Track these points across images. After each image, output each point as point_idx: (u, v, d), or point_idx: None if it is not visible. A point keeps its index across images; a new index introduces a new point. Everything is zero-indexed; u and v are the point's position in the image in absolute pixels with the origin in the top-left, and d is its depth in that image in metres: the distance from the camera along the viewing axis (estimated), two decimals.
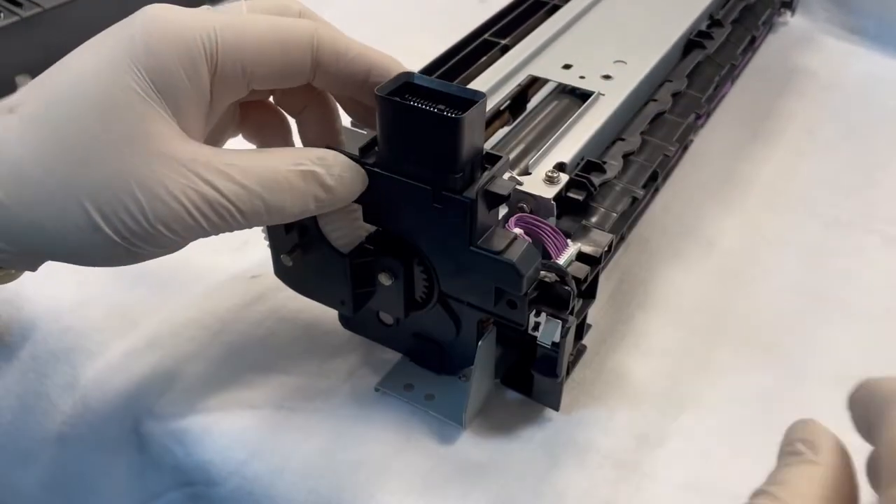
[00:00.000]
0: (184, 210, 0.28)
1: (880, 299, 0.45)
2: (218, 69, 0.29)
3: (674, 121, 0.47)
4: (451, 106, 0.29)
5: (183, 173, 0.28)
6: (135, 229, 0.28)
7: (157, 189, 0.27)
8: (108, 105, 0.28)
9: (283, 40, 0.30)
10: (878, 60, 0.67)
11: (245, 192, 0.29)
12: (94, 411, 0.39)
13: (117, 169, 0.27)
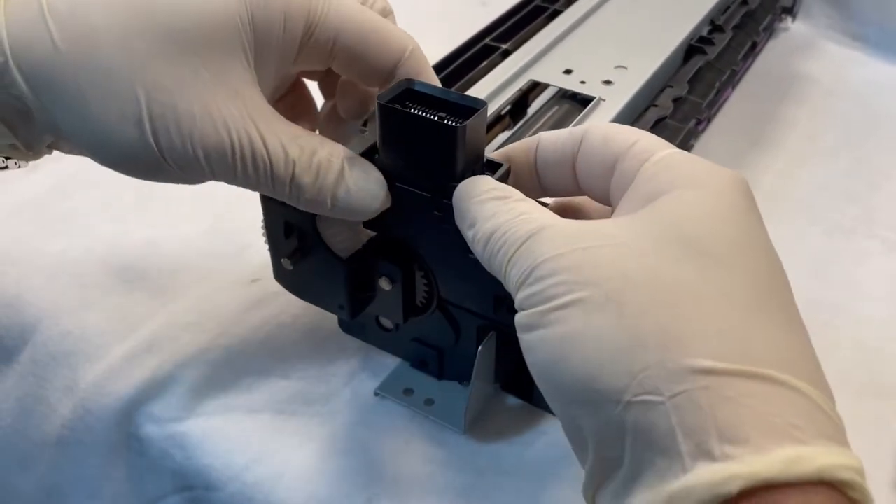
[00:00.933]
0: (229, 144, 0.28)
1: (881, 305, 0.45)
2: (313, 36, 0.30)
3: (675, 126, 0.47)
4: (451, 113, 0.29)
5: (241, 111, 0.28)
6: (175, 143, 0.27)
7: (213, 113, 0.27)
8: (200, 20, 0.27)
9: (381, 40, 0.31)
10: (879, 67, 0.67)
11: (284, 155, 0.29)
12: (93, 415, 0.39)
13: (187, 82, 0.27)
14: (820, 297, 0.45)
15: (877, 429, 0.39)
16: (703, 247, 0.23)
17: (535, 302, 0.24)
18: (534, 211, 0.27)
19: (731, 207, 0.25)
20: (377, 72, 0.32)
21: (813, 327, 0.43)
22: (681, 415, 0.20)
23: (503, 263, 0.26)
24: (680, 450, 0.20)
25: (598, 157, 0.28)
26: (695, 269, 0.23)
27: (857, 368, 0.41)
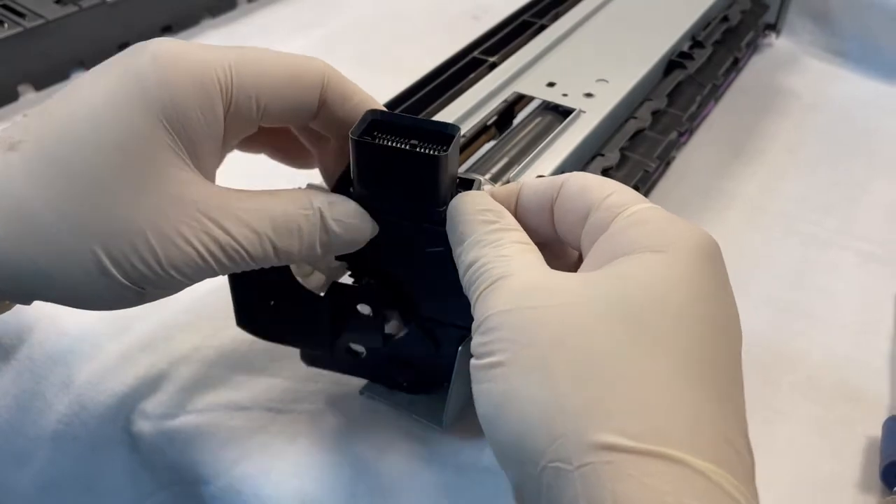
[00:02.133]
0: (196, 254, 0.28)
1: (852, 313, 0.47)
2: (233, 105, 0.29)
3: (654, 138, 0.48)
4: (423, 140, 0.29)
5: (197, 218, 0.28)
6: (146, 273, 0.27)
7: (171, 234, 0.27)
8: (121, 145, 0.27)
9: (297, 75, 0.30)
10: (860, 82, 0.69)
11: (256, 236, 0.29)
12: (88, 411, 0.41)
13: (131, 214, 0.27)
14: (794, 305, 0.47)
15: (845, 431, 0.40)
16: (645, 319, 0.24)
17: (481, 353, 0.25)
18: (511, 248, 0.28)
19: (689, 274, 0.25)
20: (304, 111, 0.31)
21: (787, 334, 0.45)
22: (585, 486, 0.21)
23: (473, 300, 0.27)
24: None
25: (574, 206, 0.29)
26: (630, 341, 0.23)
27: (828, 373, 0.43)
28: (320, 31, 0.71)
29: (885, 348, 0.44)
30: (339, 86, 0.31)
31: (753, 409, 0.40)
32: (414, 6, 0.76)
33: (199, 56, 0.28)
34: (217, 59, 0.29)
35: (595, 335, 0.23)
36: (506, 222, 0.29)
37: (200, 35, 0.69)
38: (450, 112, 0.44)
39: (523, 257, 0.27)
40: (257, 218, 0.29)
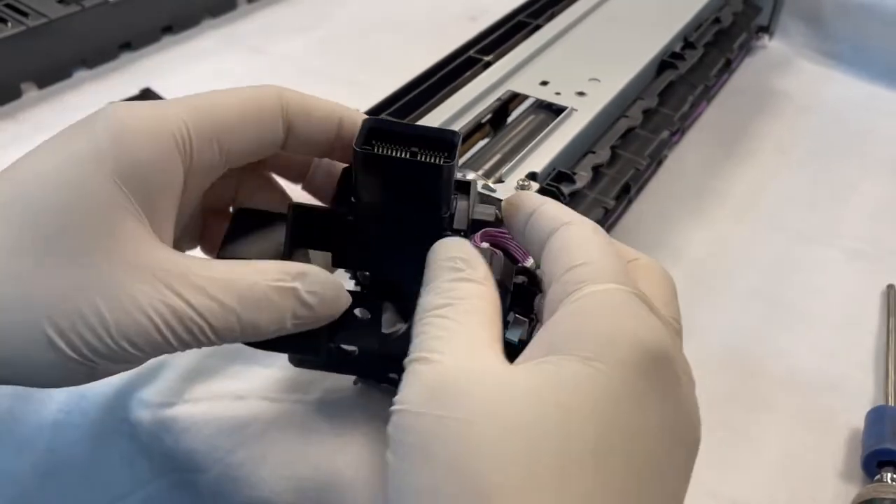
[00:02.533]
0: (152, 325, 0.25)
1: (838, 309, 0.48)
2: (195, 154, 0.28)
3: (645, 136, 0.49)
4: (422, 147, 0.29)
5: (153, 285, 0.25)
6: (95, 346, 0.25)
7: (123, 302, 0.25)
8: (71, 206, 0.25)
9: (254, 108, 0.29)
10: (851, 84, 0.70)
11: (219, 307, 0.26)
12: (88, 400, 0.41)
13: (79, 279, 0.25)
14: (780, 299, 0.48)
15: (827, 421, 0.41)
16: (548, 450, 0.22)
17: (391, 443, 0.24)
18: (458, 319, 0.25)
19: (615, 394, 0.23)
20: (269, 139, 0.30)
21: (774, 328, 0.46)
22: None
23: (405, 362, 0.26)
24: None
25: (547, 267, 0.28)
26: (526, 475, 0.21)
27: (811, 365, 0.44)
28: (319, 31, 0.73)
29: (869, 343, 0.45)
30: (300, 104, 0.30)
31: (739, 401, 0.42)
32: (412, 7, 0.77)
33: (152, 112, 0.27)
34: (171, 113, 0.28)
35: (491, 464, 0.21)
36: (470, 273, 0.27)
37: (200, 35, 0.70)
38: (445, 109, 0.45)
39: (460, 333, 0.25)
40: (222, 288, 0.26)
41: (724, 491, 0.38)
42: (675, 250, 0.51)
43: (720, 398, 0.42)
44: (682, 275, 0.49)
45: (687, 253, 0.51)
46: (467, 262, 0.27)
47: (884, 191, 0.58)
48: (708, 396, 0.42)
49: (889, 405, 0.41)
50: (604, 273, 0.25)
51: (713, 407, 0.41)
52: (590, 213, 0.43)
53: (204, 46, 0.69)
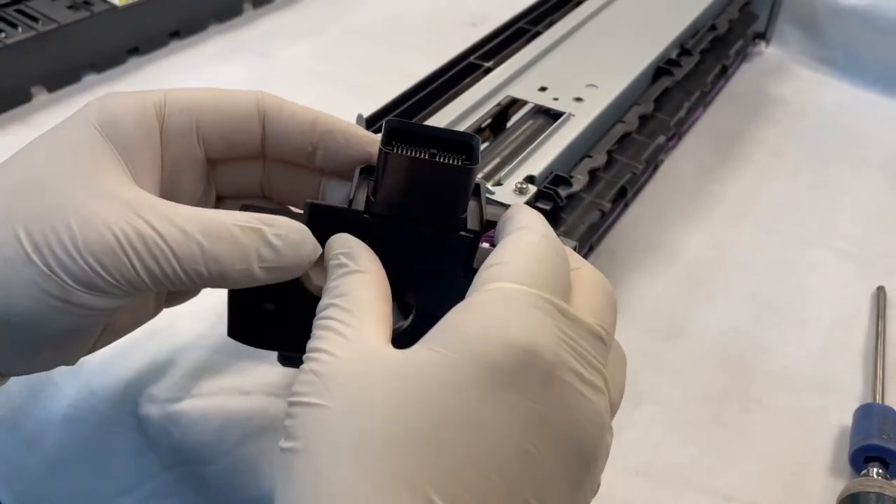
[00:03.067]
0: (116, 242, 0.26)
1: (830, 309, 0.49)
2: (166, 119, 0.30)
3: (642, 141, 0.50)
4: (441, 149, 0.29)
5: (121, 209, 0.27)
6: (63, 259, 0.26)
7: (92, 219, 0.26)
8: (56, 147, 0.29)
9: (229, 94, 0.32)
10: (845, 90, 0.71)
11: (182, 235, 0.27)
12: (97, 395, 0.43)
13: (58, 200, 0.27)
14: (773, 300, 0.49)
15: (816, 420, 0.42)
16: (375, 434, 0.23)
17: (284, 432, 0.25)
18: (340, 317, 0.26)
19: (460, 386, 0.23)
20: (250, 129, 0.32)
21: (766, 327, 0.47)
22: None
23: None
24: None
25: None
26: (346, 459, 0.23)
27: (802, 365, 0.45)
28: (324, 36, 0.74)
29: (859, 343, 0.46)
30: (276, 101, 0.32)
31: (732, 399, 0.43)
32: (416, 13, 0.78)
33: (138, 91, 0.31)
34: (154, 91, 0.31)
35: (328, 447, 0.23)
36: (353, 265, 0.28)
37: (207, 40, 0.72)
38: (447, 114, 0.46)
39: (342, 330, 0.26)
40: (186, 218, 0.27)
41: (717, 485, 0.39)
42: (672, 252, 0.52)
43: (714, 396, 0.43)
44: (677, 276, 0.51)
45: (683, 255, 0.52)
46: (348, 254, 0.29)
47: (876, 195, 0.59)
48: (702, 394, 0.43)
49: (877, 403, 0.42)
50: (511, 274, 0.26)
51: (707, 404, 0.43)
52: (586, 215, 0.44)
53: (211, 51, 0.70)
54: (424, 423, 0.23)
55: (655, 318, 0.47)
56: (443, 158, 0.29)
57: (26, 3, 0.63)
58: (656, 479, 0.39)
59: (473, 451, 0.23)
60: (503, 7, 0.63)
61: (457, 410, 0.23)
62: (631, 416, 0.42)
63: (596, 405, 0.25)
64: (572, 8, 0.60)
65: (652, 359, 0.45)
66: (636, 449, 0.40)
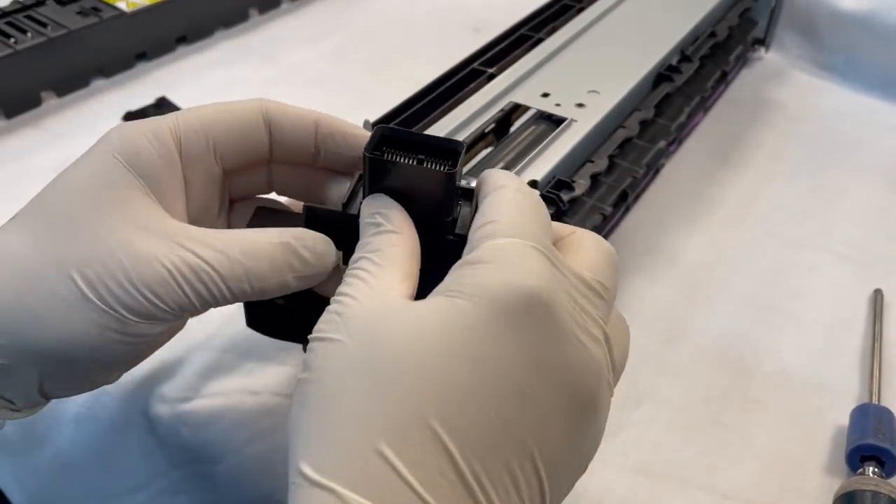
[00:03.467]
0: (168, 274, 0.28)
1: (828, 311, 0.49)
2: (183, 144, 0.32)
3: (643, 146, 0.51)
4: (429, 154, 0.30)
5: (166, 242, 0.29)
6: (120, 295, 0.28)
7: (142, 255, 0.28)
8: (90, 187, 0.30)
9: (234, 108, 0.33)
10: (844, 95, 0.72)
11: (226, 259, 0.29)
12: (108, 394, 0.43)
13: (103, 239, 0.28)
14: (771, 303, 0.50)
15: (814, 420, 0.43)
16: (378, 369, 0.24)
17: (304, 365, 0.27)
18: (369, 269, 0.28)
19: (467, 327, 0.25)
20: (254, 139, 0.33)
21: (764, 329, 0.48)
22: (289, 500, 0.24)
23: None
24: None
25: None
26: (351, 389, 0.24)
27: (800, 366, 0.46)
28: (329, 42, 0.75)
29: (856, 344, 0.47)
30: (279, 107, 0.34)
31: (731, 399, 0.44)
32: (419, 19, 0.79)
33: (152, 119, 0.32)
34: (166, 117, 0.32)
35: (338, 378, 0.25)
36: (386, 225, 0.30)
37: (214, 46, 0.73)
38: (451, 120, 0.47)
39: (369, 280, 0.28)
40: (226, 244, 0.30)
41: (716, 484, 0.40)
42: (672, 255, 0.53)
43: (713, 396, 0.44)
44: (678, 279, 0.51)
45: (683, 258, 0.53)
46: (384, 214, 0.30)
47: (874, 199, 0.60)
48: (702, 395, 0.44)
49: (873, 403, 0.43)
50: (506, 228, 0.27)
51: (706, 404, 0.43)
52: (588, 218, 0.45)
53: (217, 56, 0.71)
54: (431, 358, 0.24)
55: (656, 320, 0.48)
56: (430, 164, 0.30)
57: (36, 9, 0.64)
58: (656, 478, 0.40)
59: (474, 388, 0.24)
60: (505, 13, 0.64)
61: (462, 348, 0.25)
62: (632, 416, 0.42)
63: (593, 353, 0.26)
64: (574, 15, 0.61)
65: (652, 360, 0.46)
66: (637, 448, 0.41)
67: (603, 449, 0.41)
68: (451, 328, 0.25)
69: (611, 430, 0.41)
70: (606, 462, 0.40)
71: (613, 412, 0.42)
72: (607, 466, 0.40)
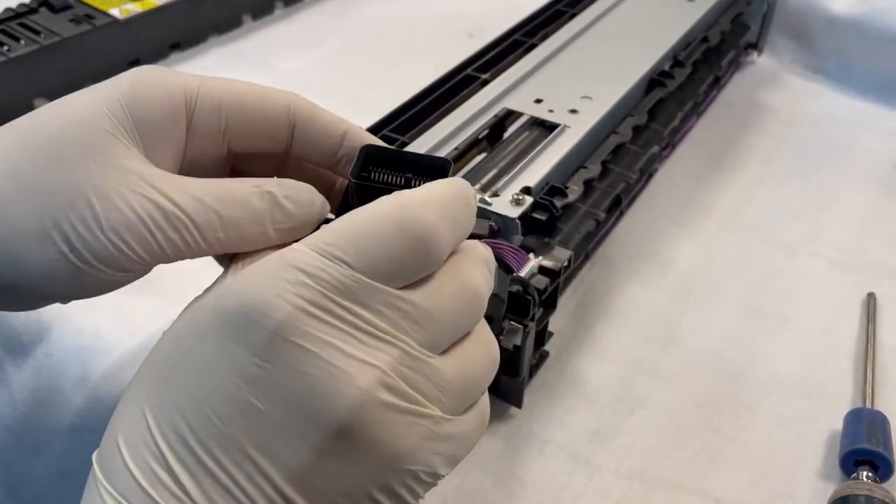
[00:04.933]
0: (138, 219, 0.27)
1: (819, 316, 0.50)
2: (196, 113, 0.30)
3: (636, 151, 0.51)
4: (416, 173, 0.30)
5: (139, 185, 0.28)
6: (86, 238, 0.27)
7: (111, 196, 0.27)
8: (79, 123, 0.28)
9: (263, 96, 0.32)
10: (836, 99, 0.72)
11: (201, 205, 0.28)
12: (103, 404, 0.43)
13: (76, 178, 0.27)
14: (764, 307, 0.50)
15: (806, 426, 0.43)
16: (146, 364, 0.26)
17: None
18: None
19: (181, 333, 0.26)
20: (278, 132, 0.32)
21: (757, 334, 0.48)
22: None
23: None
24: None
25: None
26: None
27: (792, 372, 0.46)
28: (322, 48, 0.75)
29: (849, 348, 0.47)
30: (308, 108, 0.32)
31: (724, 404, 0.44)
32: (412, 24, 0.79)
33: (173, 73, 0.31)
34: (189, 78, 0.31)
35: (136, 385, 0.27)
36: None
37: (207, 52, 0.73)
38: (444, 126, 0.47)
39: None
40: (202, 190, 0.28)
41: (709, 489, 0.40)
42: (665, 260, 0.53)
43: (706, 402, 0.44)
44: (671, 284, 0.51)
45: (676, 263, 0.53)
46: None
47: (866, 203, 0.60)
48: (695, 400, 0.44)
49: (866, 407, 0.43)
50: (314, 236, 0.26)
51: (699, 410, 0.43)
52: (581, 224, 0.45)
53: (210, 63, 0.71)
54: (167, 360, 0.26)
55: (649, 325, 0.48)
56: (417, 182, 0.30)
57: (29, 16, 0.64)
58: (650, 483, 0.40)
59: (196, 391, 0.24)
60: (499, 19, 0.64)
61: (191, 352, 0.25)
62: (626, 422, 0.43)
63: (349, 377, 0.24)
64: (566, 20, 0.61)
65: (646, 365, 0.46)
66: (630, 454, 0.41)
67: (597, 455, 0.41)
68: (191, 332, 0.26)
69: (605, 435, 0.42)
70: (600, 467, 0.40)
71: (607, 418, 0.43)
72: (601, 472, 0.40)
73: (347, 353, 0.24)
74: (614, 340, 0.47)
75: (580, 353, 0.46)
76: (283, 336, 0.24)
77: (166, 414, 0.24)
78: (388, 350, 0.25)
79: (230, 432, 0.24)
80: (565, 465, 0.40)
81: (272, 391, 0.24)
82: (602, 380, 0.45)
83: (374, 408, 0.24)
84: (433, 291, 0.26)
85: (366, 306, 0.25)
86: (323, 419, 0.24)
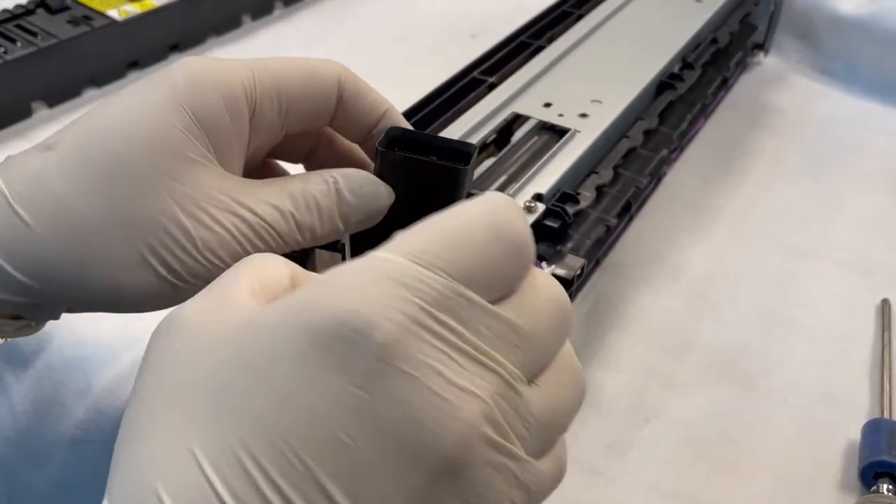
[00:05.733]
0: (229, 235, 0.29)
1: (833, 321, 0.49)
2: (257, 108, 0.31)
3: (646, 155, 0.51)
4: (441, 156, 0.31)
5: (223, 200, 0.29)
6: (184, 259, 0.28)
7: (200, 215, 0.28)
8: (151, 139, 0.29)
9: (314, 74, 0.32)
10: (843, 100, 0.72)
11: (278, 213, 0.30)
12: (105, 416, 0.42)
13: (163, 202, 0.28)
14: (777, 312, 0.49)
15: (825, 435, 0.42)
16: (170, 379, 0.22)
17: None
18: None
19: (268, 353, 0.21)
20: (322, 109, 0.33)
21: (770, 341, 0.47)
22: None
23: None
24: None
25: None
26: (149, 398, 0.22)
27: (809, 379, 0.45)
28: (323, 48, 0.74)
29: (865, 355, 0.47)
30: (355, 83, 0.33)
31: (738, 413, 0.43)
32: (414, 24, 0.78)
33: (225, 66, 0.31)
34: (241, 69, 0.31)
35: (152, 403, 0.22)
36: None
37: (206, 53, 0.71)
38: (452, 130, 0.46)
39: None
40: (277, 197, 0.30)
41: (727, 502, 0.39)
42: (676, 266, 0.53)
43: (722, 411, 0.43)
44: (682, 290, 0.51)
45: (687, 268, 0.52)
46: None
47: (875, 204, 0.59)
48: (710, 410, 0.43)
49: (885, 418, 0.42)
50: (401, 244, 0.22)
51: (715, 420, 0.43)
52: (592, 230, 0.44)
53: None
54: (223, 386, 0.21)
55: (662, 333, 0.48)
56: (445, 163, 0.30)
57: (26, 18, 0.63)
58: (667, 497, 0.39)
59: (272, 425, 0.20)
60: (501, 20, 0.63)
61: (267, 379, 0.20)
62: (640, 434, 0.42)
63: (455, 410, 0.20)
64: (573, 22, 0.60)
65: (660, 375, 0.45)
66: (647, 466, 0.40)
67: (611, 468, 0.40)
68: (262, 353, 0.21)
69: (620, 448, 0.41)
70: (615, 481, 0.40)
71: (621, 430, 0.42)
72: (616, 486, 0.39)
73: (450, 380, 0.20)
74: (627, 349, 0.46)
75: (593, 362, 0.45)
76: (388, 360, 0.20)
77: (227, 455, 0.20)
78: (489, 377, 0.21)
79: (312, 475, 0.20)
80: (579, 478, 0.39)
81: (367, 424, 0.20)
82: (616, 390, 0.44)
83: (478, 446, 0.20)
84: (527, 306, 0.22)
85: (466, 324, 0.21)
86: (426, 457, 0.20)
